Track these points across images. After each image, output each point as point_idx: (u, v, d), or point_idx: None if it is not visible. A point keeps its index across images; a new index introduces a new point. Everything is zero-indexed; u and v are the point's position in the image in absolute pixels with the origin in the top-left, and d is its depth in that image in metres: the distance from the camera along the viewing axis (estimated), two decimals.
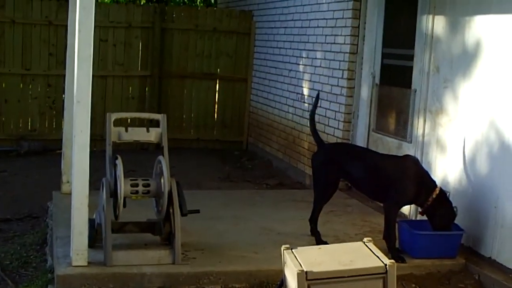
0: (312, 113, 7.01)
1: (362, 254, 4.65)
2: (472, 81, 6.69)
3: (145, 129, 6.03)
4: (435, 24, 7.33)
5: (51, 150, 11.11)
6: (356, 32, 8.86)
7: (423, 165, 7.05)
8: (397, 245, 6.34)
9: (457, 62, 6.93)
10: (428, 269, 6.18)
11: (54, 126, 11.81)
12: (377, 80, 8.55)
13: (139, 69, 12.30)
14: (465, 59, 6.79)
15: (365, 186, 6.62)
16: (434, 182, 6.43)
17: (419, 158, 7.31)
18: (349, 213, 7.76)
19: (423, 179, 6.38)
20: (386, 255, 4.79)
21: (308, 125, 7.28)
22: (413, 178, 6.33)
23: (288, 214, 7.51)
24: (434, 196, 6.24)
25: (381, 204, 6.58)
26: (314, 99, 7.10)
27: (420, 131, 7.54)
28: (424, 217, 6.45)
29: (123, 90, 12.24)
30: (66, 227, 5.83)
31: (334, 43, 9.26)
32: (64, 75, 7.65)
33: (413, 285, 5.93)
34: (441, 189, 6.33)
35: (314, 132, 6.89)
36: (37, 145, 11.47)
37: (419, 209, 6.47)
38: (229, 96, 12.75)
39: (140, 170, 8.78)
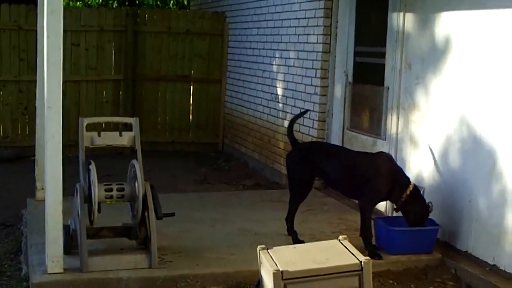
0: (293, 120, 7.03)
1: (337, 252, 4.65)
2: (443, 77, 6.72)
3: (118, 133, 6.01)
4: (406, 21, 7.36)
5: (24, 157, 11.02)
6: (328, 31, 8.88)
7: (397, 162, 7.09)
8: (373, 242, 6.35)
9: (428, 59, 6.96)
10: (405, 265, 6.20)
11: (27, 133, 11.71)
12: (350, 79, 8.57)
13: (113, 73, 12.24)
14: (436, 55, 6.82)
15: (340, 184, 6.63)
16: (408, 178, 6.45)
17: (393, 155, 7.33)
18: (325, 211, 7.77)
19: (397, 176, 6.40)
20: (362, 252, 4.82)
21: (286, 126, 7.27)
22: (387, 175, 6.35)
23: (265, 214, 7.50)
24: (408, 192, 6.27)
25: (357, 202, 6.60)
26: (300, 110, 7.11)
27: (393, 128, 7.56)
28: (400, 213, 6.47)
29: (96, 95, 12.19)
30: (41, 234, 5.78)
31: (307, 42, 9.27)
32: (36, 81, 7.59)
33: (391, 281, 5.95)
34: (414, 186, 6.35)
35: (290, 133, 6.90)
36: (10, 152, 11.38)
37: (394, 206, 6.49)
38: (203, 98, 12.72)
39: (116, 174, 8.71)
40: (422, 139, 7.06)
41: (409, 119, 7.28)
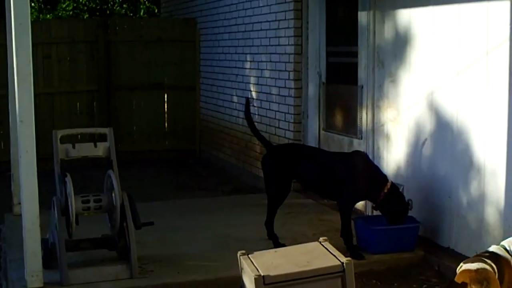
0: (248, 118, 6.99)
1: (318, 254, 4.63)
2: (416, 73, 6.73)
3: (92, 144, 5.96)
4: (376, 19, 7.36)
5: (0, 172, 10.87)
6: (299, 33, 8.86)
7: (375, 160, 7.11)
8: (355, 242, 6.34)
9: (400, 56, 6.96)
10: (387, 264, 6.19)
11: (2, 148, 11.57)
12: (323, 79, 8.57)
13: (86, 83, 12.15)
14: (408, 52, 6.83)
15: (317, 185, 6.60)
16: (385, 176, 6.45)
17: (370, 154, 7.35)
18: (305, 213, 7.75)
19: (374, 174, 6.39)
20: (344, 253, 4.80)
21: (261, 130, 7.25)
22: (363, 173, 6.34)
23: (244, 219, 7.47)
24: (385, 190, 6.26)
25: (336, 203, 6.58)
26: (245, 105, 7.06)
27: (369, 127, 7.56)
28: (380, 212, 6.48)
29: (71, 106, 12.11)
30: (20, 249, 5.71)
31: (279, 45, 9.26)
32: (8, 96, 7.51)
33: (374, 281, 5.93)
34: (392, 183, 6.35)
35: (258, 135, 6.85)
36: None
37: (373, 204, 6.49)
38: (178, 105, 12.68)
39: (94, 185, 8.61)
40: (399, 137, 7.06)
41: (385, 117, 7.29)
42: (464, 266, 4.47)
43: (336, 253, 4.60)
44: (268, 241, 6.48)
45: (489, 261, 4.51)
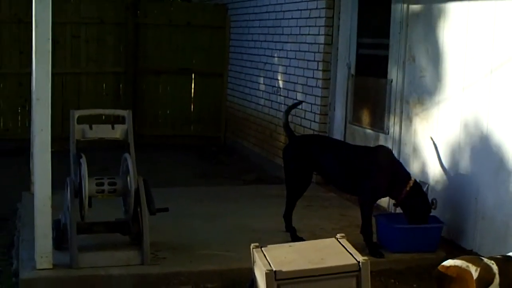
0: (288, 110, 6.82)
1: (334, 251, 4.46)
2: (448, 70, 6.52)
3: (110, 126, 5.83)
4: (409, 12, 7.16)
5: (24, 150, 10.82)
6: (331, 23, 8.67)
7: (400, 157, 6.92)
8: (375, 240, 6.15)
9: (433, 51, 6.75)
10: (407, 264, 6.00)
11: (26, 126, 11.49)
12: (352, 71, 8.37)
13: (113, 65, 12.05)
14: (441, 47, 6.62)
15: (338, 179, 6.41)
16: (408, 173, 6.25)
17: (396, 150, 7.16)
18: (326, 207, 7.58)
19: (397, 170, 6.19)
20: (362, 251, 4.63)
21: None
22: (386, 169, 6.13)
23: (264, 210, 7.31)
24: (408, 188, 6.05)
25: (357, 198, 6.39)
26: (294, 101, 6.90)
27: (397, 122, 7.36)
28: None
29: (97, 87, 12.02)
30: (33, 228, 5.58)
31: (309, 34, 9.07)
32: None
33: (392, 281, 5.74)
34: (415, 181, 6.15)
35: (286, 125, 6.68)
36: (10, 145, 11.20)
37: (394, 202, 6.28)
38: (205, 91, 12.53)
39: (115, 168, 8.54)
40: (427, 134, 6.86)
41: (413, 113, 7.08)
42: (445, 262, 4.47)
43: (353, 251, 4.43)
44: (286, 234, 6.33)
45: (479, 262, 4.47)
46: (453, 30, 6.45)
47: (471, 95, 6.20)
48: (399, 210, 6.62)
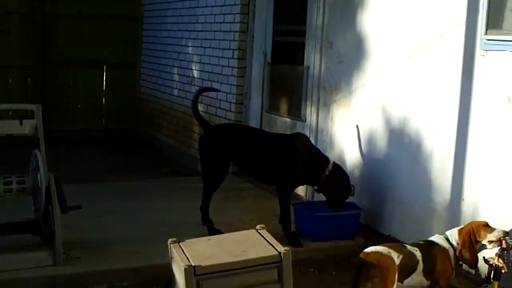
0: (195, 98, 6.61)
1: (255, 243, 4.32)
2: (365, 55, 6.47)
3: (18, 121, 5.53)
4: None
5: None
6: (246, 10, 8.54)
7: (318, 145, 6.83)
8: (293, 229, 6.05)
9: (350, 37, 6.69)
10: (326, 252, 5.94)
11: None
12: (269, 59, 8.27)
13: (21, 58, 11.59)
14: (359, 33, 6.55)
15: (254, 168, 6.26)
16: (327, 158, 6.15)
17: (313, 138, 7.09)
18: (243, 198, 7.47)
19: (314, 157, 6.09)
20: (282, 240, 4.52)
21: (202, 110, 6.90)
22: (303, 156, 6.02)
23: (180, 203, 7.14)
24: (327, 172, 5.97)
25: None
26: (203, 86, 6.72)
27: (314, 109, 7.28)
28: (321, 198, 6.20)
29: (3, 81, 11.52)
30: None
31: (224, 22, 8.91)
32: None
33: (312, 270, 5.67)
34: (334, 164, 6.07)
35: (196, 114, 6.50)
36: None
37: (315, 187, 6.17)
38: (117, 83, 12.23)
39: (24, 166, 8.19)
40: (344, 121, 6.80)
41: (331, 100, 7.02)
42: (368, 248, 4.44)
43: (274, 241, 4.30)
44: (203, 227, 6.17)
45: (402, 249, 4.44)
46: (371, 15, 6.39)
47: (388, 81, 6.16)
48: (317, 197, 6.57)
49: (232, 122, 8.42)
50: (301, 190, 7.14)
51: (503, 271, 4.56)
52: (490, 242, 4.60)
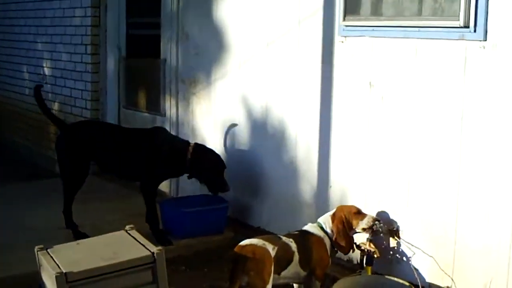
0: (37, 97, 6.34)
1: (126, 245, 4.21)
2: (223, 45, 6.42)
3: None
4: None
5: None
6: (97, 3, 8.31)
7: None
8: (161, 227, 5.94)
9: (206, 27, 6.62)
10: (196, 248, 5.87)
11: None
12: (123, 53, 8.08)
13: None
14: (214, 22, 6.50)
15: (115, 166, 6.07)
16: (187, 142, 6.02)
17: (174, 131, 7.00)
18: (106, 198, 7.24)
19: (174, 146, 5.93)
20: (150, 239, 4.40)
21: (57, 109, 6.61)
22: (162, 149, 5.86)
23: (41, 207, 6.81)
24: (189, 156, 5.85)
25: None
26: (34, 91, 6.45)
27: (173, 103, 7.18)
28: (186, 193, 6.11)
29: None
30: None
31: (74, 16, 8.63)
32: None
33: (183, 268, 5.58)
34: (195, 144, 5.97)
35: (46, 113, 6.24)
36: None
37: (187, 176, 6.05)
38: None
39: None
40: (205, 113, 6.74)
41: (190, 93, 6.93)
42: (243, 241, 4.43)
43: (145, 241, 4.21)
44: (68, 231, 5.93)
45: (277, 240, 4.47)
46: (227, 5, 6.35)
47: (248, 71, 6.14)
48: (182, 193, 6.49)
49: (89, 120, 8.15)
50: (165, 187, 7.01)
51: (375, 255, 4.68)
52: (363, 229, 4.69)
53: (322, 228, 4.71)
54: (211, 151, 6.01)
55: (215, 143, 6.58)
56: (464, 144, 4.34)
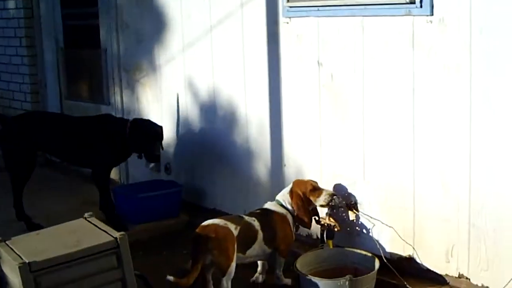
0: None
1: (87, 232, 4.17)
2: (165, 30, 6.37)
3: None
4: None
5: None
6: None
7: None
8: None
9: (146, 14, 6.56)
10: (152, 233, 5.86)
11: None
12: (61, 44, 7.95)
13: None
14: (155, 9, 6.45)
15: (66, 154, 6.04)
16: (126, 119, 6.05)
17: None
18: (56, 188, 7.17)
19: (114, 127, 5.90)
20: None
21: None
22: (109, 135, 5.84)
23: None
24: (128, 131, 5.80)
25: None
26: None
27: (117, 92, 7.11)
28: (138, 179, 6.07)
29: None
30: None
31: (4, 8, 8.46)
32: None
33: (141, 253, 5.54)
34: (133, 120, 5.98)
35: None
36: None
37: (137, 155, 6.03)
38: None
39: None
40: (151, 100, 6.70)
41: (134, 80, 6.87)
42: (205, 222, 4.47)
43: (106, 228, 4.18)
44: (21, 223, 5.84)
45: (240, 220, 4.51)
46: None
47: (193, 55, 6.11)
48: (136, 179, 6.44)
49: (32, 110, 7.99)
50: (114, 174, 6.94)
51: (336, 229, 4.73)
52: (322, 206, 4.75)
53: (282, 205, 4.75)
54: (147, 122, 6.03)
55: (165, 129, 6.52)
56: (416, 115, 4.41)
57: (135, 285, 4.00)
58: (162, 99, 6.55)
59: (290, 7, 5.13)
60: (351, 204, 4.82)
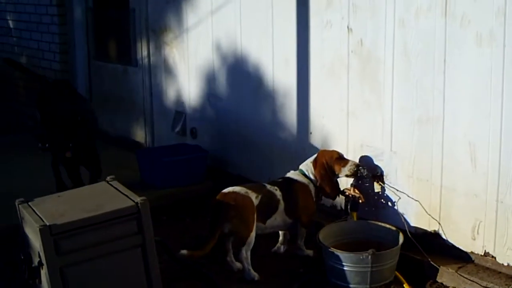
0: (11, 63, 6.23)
1: (109, 196, 4.12)
2: None
3: None
4: None
5: None
6: None
7: (153, 89, 6.64)
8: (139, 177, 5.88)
9: None
10: (176, 198, 5.83)
11: None
12: (91, 4, 7.88)
13: None
14: None
15: None
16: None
17: (148, 82, 6.89)
18: None
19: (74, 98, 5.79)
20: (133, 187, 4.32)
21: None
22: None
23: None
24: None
25: None
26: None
27: (145, 53, 7.04)
28: (162, 143, 6.01)
29: None
30: None
31: None
32: None
33: (165, 218, 5.54)
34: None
35: (30, 72, 6.14)
36: None
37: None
38: None
39: None
40: (178, 62, 6.62)
41: (162, 42, 6.79)
42: (225, 189, 4.44)
43: (128, 192, 4.12)
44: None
45: (261, 189, 4.46)
46: None
47: (221, 18, 6.00)
48: (157, 143, 6.40)
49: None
50: (140, 137, 6.91)
51: (360, 201, 4.64)
52: (347, 176, 4.65)
53: (305, 174, 4.67)
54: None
55: (190, 92, 6.49)
56: (447, 85, 4.27)
57: (155, 251, 3.95)
58: (189, 62, 6.46)
59: None
60: (377, 175, 4.72)
